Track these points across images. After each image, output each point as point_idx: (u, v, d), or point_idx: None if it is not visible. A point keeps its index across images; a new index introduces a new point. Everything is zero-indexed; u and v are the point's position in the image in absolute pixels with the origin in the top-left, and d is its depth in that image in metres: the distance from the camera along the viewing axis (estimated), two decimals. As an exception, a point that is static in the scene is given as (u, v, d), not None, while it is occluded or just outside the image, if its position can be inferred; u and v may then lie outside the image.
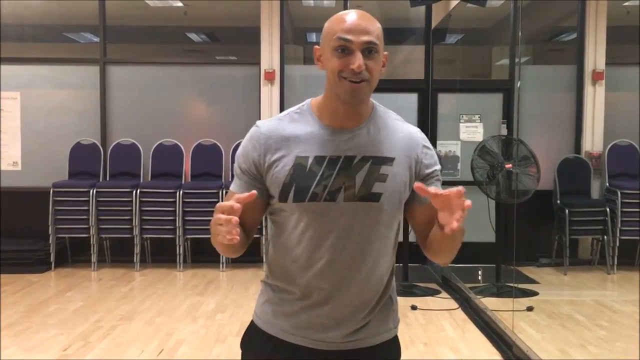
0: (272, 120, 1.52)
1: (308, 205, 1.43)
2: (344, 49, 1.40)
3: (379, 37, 1.43)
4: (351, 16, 1.43)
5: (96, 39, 6.70)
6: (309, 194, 1.43)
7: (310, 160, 1.44)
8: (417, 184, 1.32)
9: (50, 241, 6.11)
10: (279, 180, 1.45)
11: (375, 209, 1.45)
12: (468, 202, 1.29)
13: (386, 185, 1.45)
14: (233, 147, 6.31)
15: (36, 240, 6.21)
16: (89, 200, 6.07)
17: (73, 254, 6.44)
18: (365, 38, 1.40)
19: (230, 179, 5.62)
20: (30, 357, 3.81)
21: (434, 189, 1.31)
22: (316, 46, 1.49)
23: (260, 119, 6.10)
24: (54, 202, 6.09)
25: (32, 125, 6.58)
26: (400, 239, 1.69)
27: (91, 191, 6.09)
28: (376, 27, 1.44)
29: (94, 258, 6.15)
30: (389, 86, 6.80)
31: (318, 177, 1.44)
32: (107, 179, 6.43)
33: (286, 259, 1.49)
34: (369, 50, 1.41)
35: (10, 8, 6.78)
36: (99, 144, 6.49)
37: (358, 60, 1.39)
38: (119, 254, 6.43)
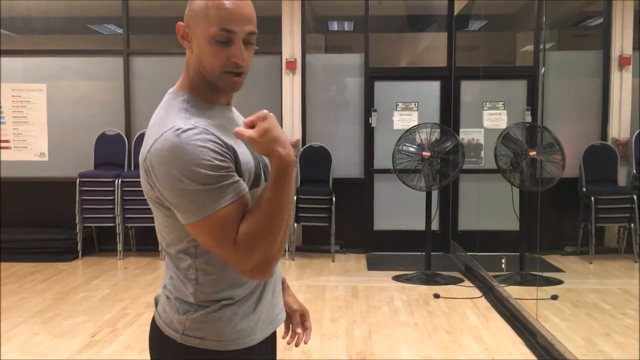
0: (190, 118, 1.29)
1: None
2: (225, 40, 1.29)
3: (256, 23, 1.33)
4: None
5: (120, 31, 6.77)
6: (268, 168, 1.36)
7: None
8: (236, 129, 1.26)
9: (77, 230, 6.22)
10: (251, 165, 1.33)
11: None
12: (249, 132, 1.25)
13: None
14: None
15: (64, 229, 6.34)
16: (114, 190, 6.16)
17: (99, 243, 6.56)
18: (248, 28, 1.30)
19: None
20: (60, 343, 3.90)
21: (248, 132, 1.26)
22: (180, 23, 1.34)
23: (282, 108, 6.10)
24: (80, 192, 6.19)
25: (59, 116, 6.68)
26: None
27: (116, 181, 6.18)
28: (253, 11, 1.33)
29: (119, 247, 6.25)
30: (411, 74, 6.78)
31: (254, 152, 1.37)
32: (132, 169, 6.51)
33: None
34: (247, 40, 1.31)
35: (36, 1, 6.88)
36: (123, 135, 6.57)
37: (242, 53, 1.30)
38: (144, 243, 6.52)
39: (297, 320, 1.61)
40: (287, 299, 1.59)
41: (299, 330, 1.61)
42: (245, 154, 1.33)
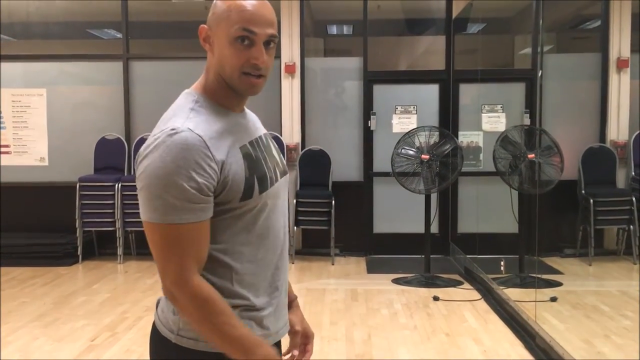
0: (191, 119, 1.31)
1: (271, 192, 1.38)
2: (246, 40, 1.30)
3: (276, 27, 1.36)
4: (252, 2, 1.31)
5: (119, 35, 6.79)
6: (269, 180, 1.37)
7: (249, 148, 1.37)
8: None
9: (77, 235, 6.23)
10: (239, 178, 1.30)
11: (287, 179, 1.52)
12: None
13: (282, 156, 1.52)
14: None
15: (64, 234, 6.34)
16: (114, 194, 6.18)
17: (99, 247, 6.57)
18: (269, 31, 1.32)
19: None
20: (60, 347, 3.91)
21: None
22: (203, 25, 1.37)
23: (281, 112, 6.10)
24: (80, 196, 6.21)
25: (58, 121, 6.70)
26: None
27: (116, 185, 6.19)
28: (274, 14, 1.35)
29: (119, 251, 6.26)
30: (409, 77, 6.80)
31: (263, 161, 1.39)
32: (132, 173, 6.52)
33: (252, 264, 1.38)
34: (268, 42, 1.33)
35: (36, 6, 6.90)
36: (123, 139, 6.59)
37: (262, 55, 1.31)
38: (144, 247, 6.52)
39: (297, 341, 1.58)
40: (291, 317, 1.56)
41: (296, 352, 1.58)
42: (234, 164, 1.30)
